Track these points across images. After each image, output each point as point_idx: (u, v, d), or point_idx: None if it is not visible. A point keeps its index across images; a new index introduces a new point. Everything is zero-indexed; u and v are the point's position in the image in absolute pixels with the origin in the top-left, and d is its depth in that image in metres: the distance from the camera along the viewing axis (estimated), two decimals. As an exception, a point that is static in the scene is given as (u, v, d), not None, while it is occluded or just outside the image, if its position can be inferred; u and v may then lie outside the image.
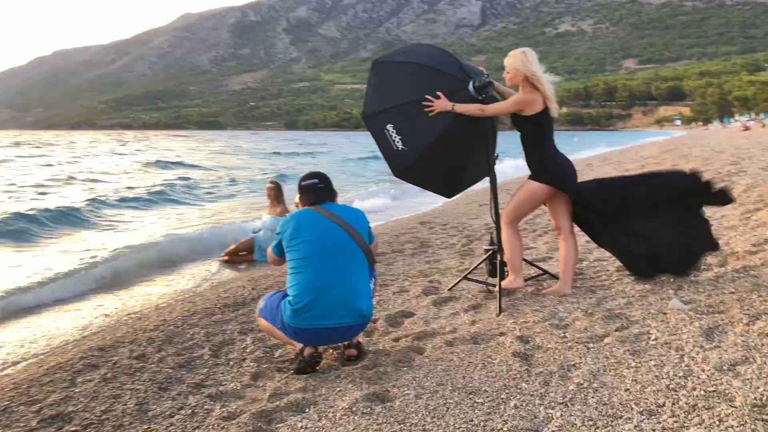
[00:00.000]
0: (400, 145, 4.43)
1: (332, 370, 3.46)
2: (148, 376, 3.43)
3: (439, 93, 4.34)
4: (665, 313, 3.72)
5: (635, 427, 2.43)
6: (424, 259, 6.40)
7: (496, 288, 4.61)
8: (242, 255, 7.73)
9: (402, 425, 2.66)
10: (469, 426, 2.61)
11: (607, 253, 5.55)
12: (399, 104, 4.48)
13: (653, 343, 3.30)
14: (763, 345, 3.05)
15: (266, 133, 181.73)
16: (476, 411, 2.74)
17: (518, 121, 4.42)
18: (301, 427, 2.73)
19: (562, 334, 3.60)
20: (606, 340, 3.43)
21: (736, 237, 5.45)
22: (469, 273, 4.92)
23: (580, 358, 3.22)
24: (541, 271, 5.02)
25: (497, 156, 4.55)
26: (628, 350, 3.23)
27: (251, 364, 3.64)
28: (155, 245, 8.24)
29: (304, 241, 3.37)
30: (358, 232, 3.48)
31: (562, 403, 2.73)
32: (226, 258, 7.66)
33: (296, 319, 3.32)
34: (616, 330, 3.57)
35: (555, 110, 4.42)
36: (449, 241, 7.38)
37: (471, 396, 2.91)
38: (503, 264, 4.55)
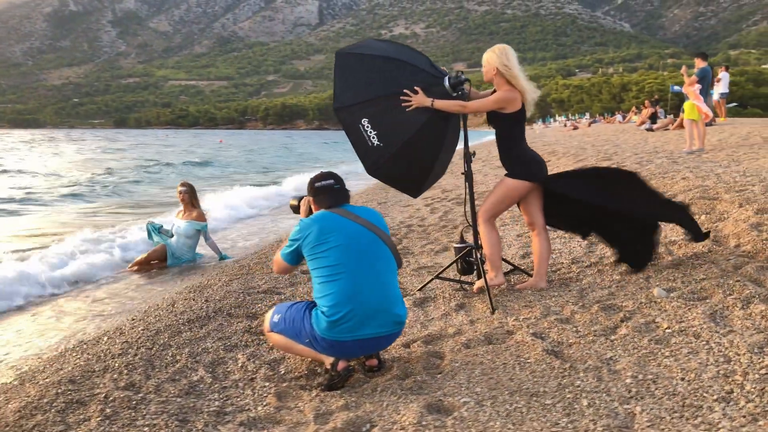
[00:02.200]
0: (375, 141, 4.26)
1: (361, 383, 3.22)
2: (155, 408, 2.96)
3: (416, 88, 4.24)
4: (656, 302, 3.89)
5: (723, 415, 2.50)
6: (366, 260, 6.21)
7: (475, 286, 4.60)
8: (153, 264, 7.06)
9: (491, 436, 2.53)
10: (558, 429, 2.54)
11: (553, 246, 5.77)
12: (375, 97, 4.30)
13: (669, 331, 3.42)
14: (773, 327, 3.29)
15: (133, 132, 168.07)
16: (553, 413, 2.68)
17: (496, 118, 4.43)
18: (381, 450, 2.51)
19: (574, 329, 3.65)
20: (621, 332, 3.51)
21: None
22: (441, 272, 4.85)
23: (612, 351, 3.27)
24: (512, 267, 5.07)
25: (473, 154, 4.53)
26: (651, 340, 3.33)
27: (264, 384, 3.28)
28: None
29: (334, 246, 3.09)
30: (385, 233, 3.27)
31: (632, 397, 2.74)
32: (136, 268, 6.95)
33: (334, 331, 3.04)
34: (622, 321, 3.67)
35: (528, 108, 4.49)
36: (378, 240, 7.24)
37: (534, 399, 2.83)
38: (483, 262, 4.54)
